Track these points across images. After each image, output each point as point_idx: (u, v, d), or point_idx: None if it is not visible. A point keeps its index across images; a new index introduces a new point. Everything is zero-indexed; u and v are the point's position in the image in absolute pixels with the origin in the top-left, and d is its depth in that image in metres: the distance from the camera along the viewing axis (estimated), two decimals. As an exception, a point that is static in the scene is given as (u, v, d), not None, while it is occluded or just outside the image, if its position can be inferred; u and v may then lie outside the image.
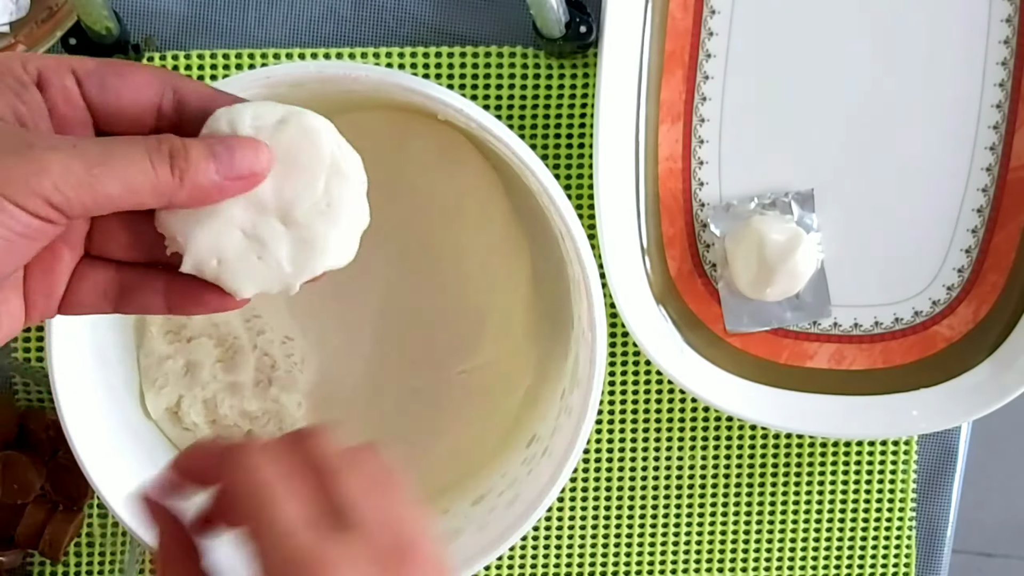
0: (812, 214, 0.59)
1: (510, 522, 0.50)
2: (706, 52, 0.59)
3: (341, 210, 0.35)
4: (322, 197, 0.34)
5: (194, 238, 0.33)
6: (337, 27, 0.60)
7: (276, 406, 0.57)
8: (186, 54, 0.60)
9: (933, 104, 0.59)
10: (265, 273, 0.34)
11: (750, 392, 0.59)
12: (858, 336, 0.60)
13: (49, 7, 0.56)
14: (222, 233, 0.33)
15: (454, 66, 0.60)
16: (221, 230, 0.33)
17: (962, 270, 0.60)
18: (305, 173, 0.34)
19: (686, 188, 0.60)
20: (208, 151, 0.32)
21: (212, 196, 0.32)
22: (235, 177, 0.32)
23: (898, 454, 0.63)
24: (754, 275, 0.58)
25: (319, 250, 0.35)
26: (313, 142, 0.34)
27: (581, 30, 0.57)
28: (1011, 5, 0.58)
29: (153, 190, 0.31)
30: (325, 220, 0.34)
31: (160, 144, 0.31)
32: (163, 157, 0.31)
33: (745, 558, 0.64)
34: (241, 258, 0.34)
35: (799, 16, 0.59)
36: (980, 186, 0.59)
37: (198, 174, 0.31)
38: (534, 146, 0.60)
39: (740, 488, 0.63)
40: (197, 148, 0.31)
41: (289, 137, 0.34)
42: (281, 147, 0.34)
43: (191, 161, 0.31)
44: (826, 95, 0.59)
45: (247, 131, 0.33)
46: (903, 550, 0.64)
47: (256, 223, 0.34)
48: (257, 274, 0.34)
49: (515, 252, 0.57)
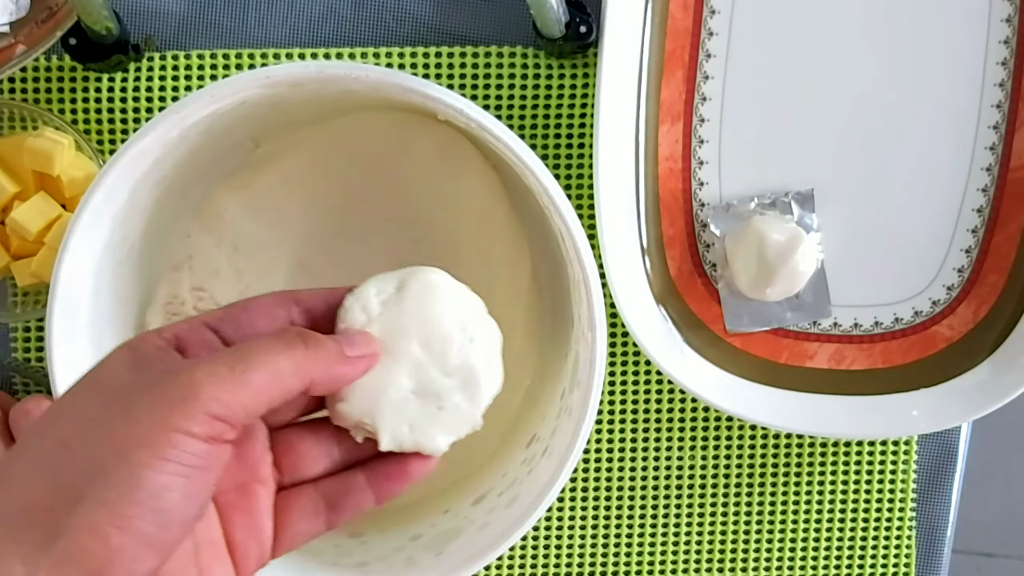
0: (812, 214, 0.59)
1: (510, 522, 0.50)
2: (706, 52, 0.59)
3: (482, 338, 0.39)
4: (463, 334, 0.38)
5: (380, 414, 0.36)
6: (337, 27, 0.60)
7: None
8: (186, 54, 0.60)
9: (933, 104, 0.59)
10: (451, 420, 0.38)
11: (750, 392, 0.59)
12: (858, 336, 0.60)
13: (49, 7, 0.56)
14: (400, 401, 0.36)
15: (454, 66, 0.60)
16: (398, 399, 0.36)
17: (962, 270, 0.60)
18: (442, 320, 0.37)
19: (686, 188, 0.60)
20: (328, 337, 0.34)
21: (345, 373, 0.34)
22: (358, 355, 0.34)
23: (898, 454, 0.63)
24: (754, 275, 0.58)
25: (484, 381, 0.38)
26: (436, 292, 0.38)
27: (581, 30, 0.57)
28: (1011, 5, 0.58)
29: (295, 370, 0.31)
30: (475, 352, 0.38)
31: (287, 330, 0.33)
32: (294, 338, 0.32)
33: (745, 558, 0.64)
34: (427, 416, 0.37)
35: (799, 16, 0.59)
36: (980, 186, 0.59)
37: (328, 349, 0.33)
38: (534, 146, 0.60)
39: (740, 488, 0.63)
40: (318, 335, 0.33)
41: (414, 295, 0.37)
42: (411, 307, 0.37)
43: (320, 340, 0.33)
44: (826, 95, 0.59)
45: (376, 308, 0.37)
46: (903, 550, 0.64)
47: (422, 381, 0.37)
48: (445, 424, 0.38)
49: (515, 252, 0.57)
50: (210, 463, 0.29)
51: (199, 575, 0.32)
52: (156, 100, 0.60)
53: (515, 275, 0.57)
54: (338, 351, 0.33)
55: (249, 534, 0.33)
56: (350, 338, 0.35)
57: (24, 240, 0.57)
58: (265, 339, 0.32)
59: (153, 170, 0.49)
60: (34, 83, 0.60)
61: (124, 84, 0.60)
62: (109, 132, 0.60)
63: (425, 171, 0.56)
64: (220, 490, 0.33)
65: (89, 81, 0.60)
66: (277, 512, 0.35)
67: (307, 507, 0.35)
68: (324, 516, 0.35)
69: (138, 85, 0.60)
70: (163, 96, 0.60)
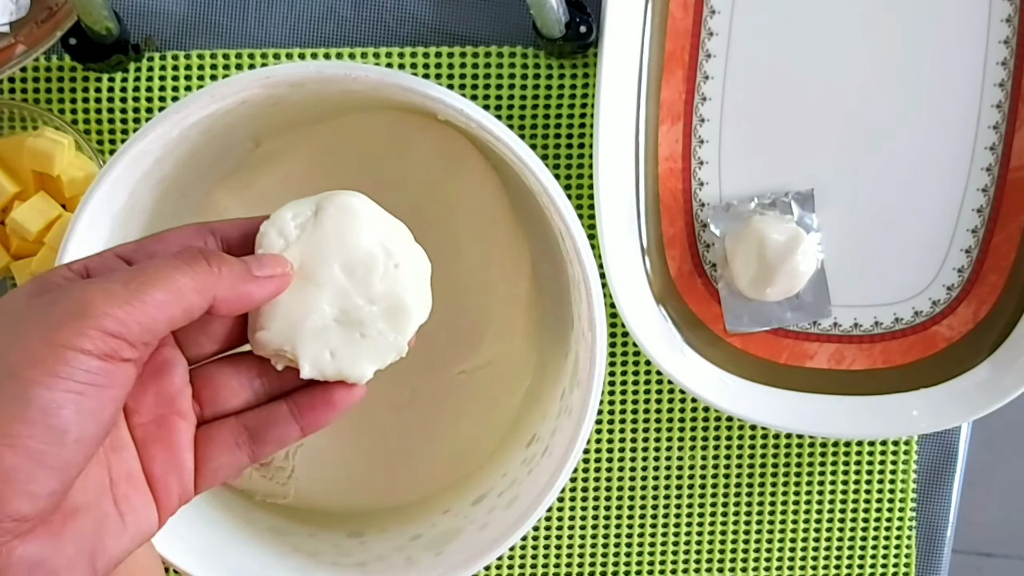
0: (812, 214, 0.59)
1: (510, 522, 0.50)
2: (706, 52, 0.59)
3: (407, 265, 0.37)
4: (387, 260, 0.37)
5: (301, 341, 0.35)
6: (337, 27, 0.60)
7: (276, 406, 0.57)
8: (186, 54, 0.60)
9: (933, 104, 0.59)
10: (375, 348, 0.36)
11: (750, 392, 0.59)
12: (858, 336, 0.60)
13: (49, 7, 0.56)
14: (321, 328, 0.35)
15: (454, 66, 0.60)
16: (319, 326, 0.35)
17: (962, 270, 0.60)
18: (363, 244, 0.36)
19: (686, 188, 0.60)
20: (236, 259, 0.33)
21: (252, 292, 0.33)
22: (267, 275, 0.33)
23: (898, 454, 0.63)
24: (754, 275, 0.58)
25: (409, 308, 0.37)
26: (355, 215, 0.36)
27: (581, 30, 0.57)
28: (1011, 5, 0.58)
29: (196, 286, 0.31)
30: (400, 279, 0.37)
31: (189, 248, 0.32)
32: (195, 255, 0.32)
33: (745, 558, 0.64)
34: (349, 344, 0.36)
35: (799, 16, 0.59)
36: (980, 186, 0.59)
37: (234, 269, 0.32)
38: (534, 146, 0.60)
39: (740, 488, 0.63)
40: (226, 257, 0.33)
41: (332, 218, 0.36)
42: (330, 231, 0.36)
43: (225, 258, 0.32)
44: (826, 95, 0.59)
45: (293, 231, 0.35)
46: (903, 550, 0.64)
47: (345, 308, 0.36)
48: (369, 352, 0.36)
49: (515, 252, 0.57)
50: (108, 381, 0.29)
51: (116, 506, 0.31)
52: (156, 100, 0.60)
53: (515, 275, 0.57)
54: (244, 269, 0.33)
55: (169, 467, 0.33)
56: (259, 258, 0.34)
57: (24, 240, 0.57)
58: (165, 257, 0.31)
59: (153, 170, 0.49)
60: (34, 83, 0.60)
61: (124, 84, 0.60)
62: (109, 132, 0.60)
63: (425, 171, 0.56)
64: (137, 423, 0.33)
65: (89, 81, 0.60)
66: (198, 446, 0.34)
67: (228, 440, 0.34)
68: (247, 449, 0.35)
69: (138, 85, 0.60)
70: (163, 96, 0.60)
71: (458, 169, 0.56)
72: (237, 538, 0.53)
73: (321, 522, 0.58)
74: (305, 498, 0.57)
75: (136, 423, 0.33)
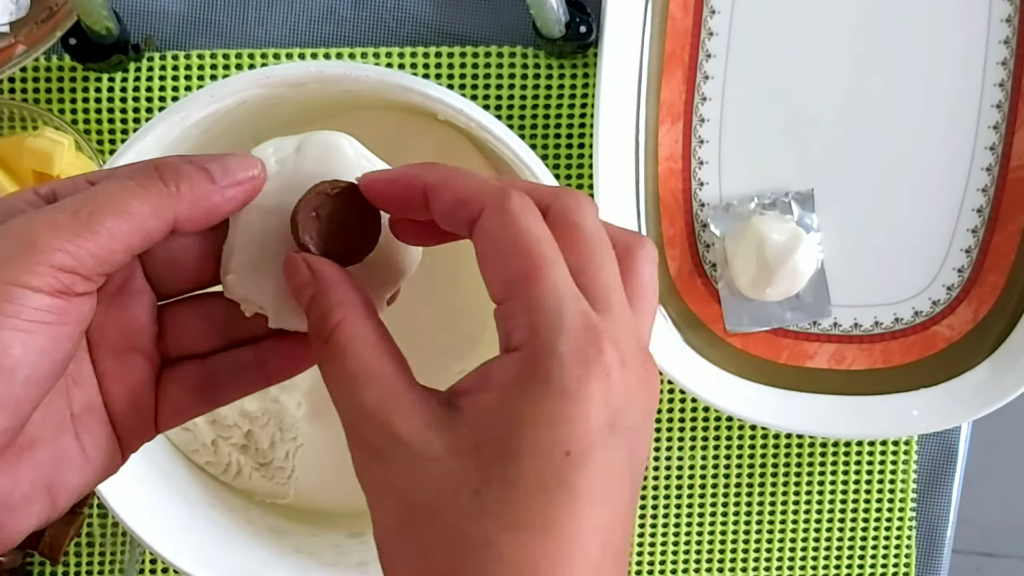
0: (812, 214, 0.59)
1: (510, 522, 0.50)
2: (706, 52, 0.59)
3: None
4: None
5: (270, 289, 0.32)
6: (337, 27, 0.60)
7: (276, 406, 0.57)
8: (186, 54, 0.60)
9: (933, 104, 0.59)
10: None
11: (750, 392, 0.59)
12: (858, 336, 0.60)
13: (49, 7, 0.56)
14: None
15: (454, 66, 0.60)
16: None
17: (962, 270, 0.60)
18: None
19: (686, 188, 0.60)
20: (198, 168, 0.30)
21: (218, 206, 0.30)
22: (232, 184, 0.30)
23: (898, 454, 0.63)
24: (754, 275, 0.58)
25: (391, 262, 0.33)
26: (339, 154, 0.33)
27: (581, 30, 0.57)
28: (1011, 5, 0.58)
29: (153, 209, 0.28)
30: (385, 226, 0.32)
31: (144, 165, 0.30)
32: (150, 174, 0.29)
33: (745, 558, 0.64)
34: None
35: (799, 16, 0.59)
36: (980, 186, 0.59)
37: (194, 183, 0.29)
38: (534, 146, 0.60)
39: (740, 488, 0.63)
40: (187, 167, 0.30)
41: (314, 157, 0.32)
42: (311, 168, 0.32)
43: (183, 174, 0.29)
44: (826, 95, 0.59)
45: (273, 166, 0.32)
46: (903, 550, 0.64)
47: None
48: None
49: (515, 252, 0.57)
50: (61, 318, 0.27)
51: (77, 439, 0.30)
52: (156, 100, 0.60)
53: (515, 275, 0.57)
54: (205, 180, 0.30)
55: (130, 405, 0.32)
56: (223, 162, 0.30)
57: (24, 240, 0.57)
58: (117, 178, 0.29)
59: (153, 170, 0.49)
60: (34, 83, 0.60)
61: (124, 84, 0.60)
62: (109, 132, 0.60)
63: (425, 171, 0.56)
64: (100, 357, 0.31)
65: (89, 81, 0.60)
66: (160, 386, 0.32)
67: (191, 383, 0.33)
68: (208, 394, 0.33)
69: (138, 85, 0.60)
70: (163, 96, 0.60)
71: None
72: (237, 538, 0.53)
73: (321, 522, 0.57)
74: (305, 498, 0.57)
75: (99, 356, 0.31)
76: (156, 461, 0.54)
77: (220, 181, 0.30)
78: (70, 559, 0.62)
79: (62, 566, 0.62)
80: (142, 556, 0.61)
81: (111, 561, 0.62)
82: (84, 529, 0.61)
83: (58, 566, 0.62)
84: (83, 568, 0.62)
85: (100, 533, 0.62)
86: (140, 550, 0.60)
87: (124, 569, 0.61)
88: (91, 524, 0.62)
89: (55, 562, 0.61)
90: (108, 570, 0.62)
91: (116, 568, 0.62)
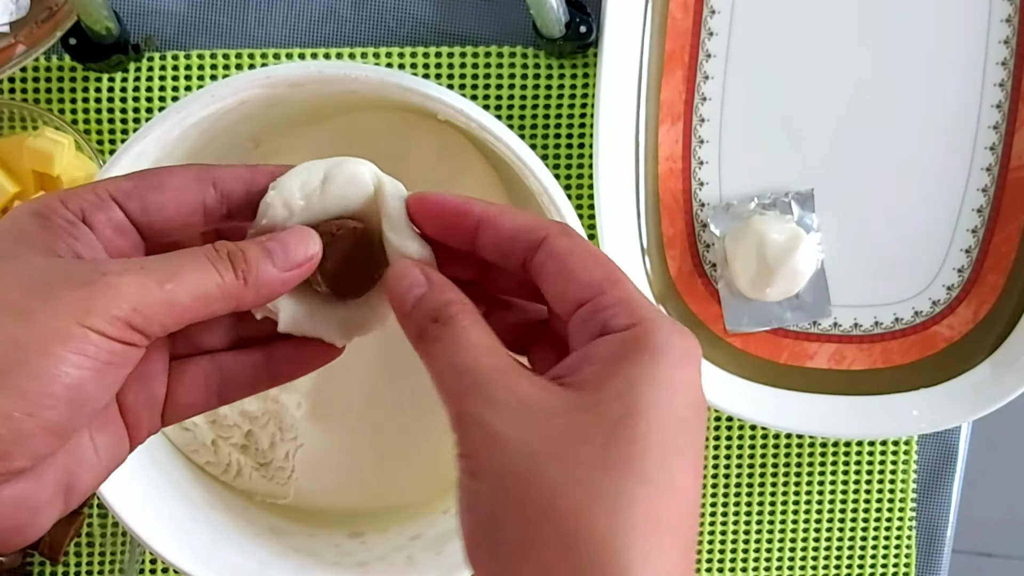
0: (812, 214, 0.59)
1: (510, 522, 0.50)
2: (706, 52, 0.59)
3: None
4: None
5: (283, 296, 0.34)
6: (337, 27, 0.60)
7: (276, 406, 0.57)
8: (186, 54, 0.60)
9: (933, 104, 0.59)
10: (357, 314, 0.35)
11: (750, 392, 0.59)
12: (858, 336, 0.60)
13: (49, 7, 0.56)
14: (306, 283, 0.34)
15: (454, 66, 0.60)
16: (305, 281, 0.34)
17: (962, 270, 0.60)
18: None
19: (686, 188, 0.60)
20: (262, 250, 0.32)
21: (277, 290, 0.33)
22: (293, 267, 0.33)
23: (898, 454, 0.63)
24: (754, 275, 0.58)
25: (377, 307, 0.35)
26: (358, 184, 0.35)
27: (581, 30, 0.57)
28: (1011, 5, 0.58)
29: (223, 295, 0.31)
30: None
31: (219, 252, 0.32)
32: (225, 263, 0.32)
33: (745, 558, 0.64)
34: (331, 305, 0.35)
35: (799, 16, 0.59)
36: (980, 186, 0.59)
37: (260, 273, 0.32)
38: (534, 146, 0.60)
39: (740, 488, 0.63)
40: (252, 249, 0.32)
41: (339, 188, 0.35)
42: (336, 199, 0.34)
43: (250, 262, 0.32)
44: (826, 95, 0.59)
45: (299, 203, 0.34)
46: (903, 550, 0.64)
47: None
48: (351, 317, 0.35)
49: (515, 252, 0.57)
50: (124, 360, 0.30)
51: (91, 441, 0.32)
52: (156, 100, 0.60)
53: (515, 275, 0.57)
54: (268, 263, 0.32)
55: (141, 397, 0.33)
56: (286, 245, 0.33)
57: (24, 240, 0.57)
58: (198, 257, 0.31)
59: (153, 170, 0.49)
60: (34, 83, 0.60)
61: (124, 84, 0.60)
62: (109, 132, 0.60)
63: (425, 171, 0.56)
64: None
65: (89, 81, 0.60)
66: (169, 380, 0.34)
67: (199, 379, 0.34)
68: (216, 390, 0.35)
69: (138, 85, 0.60)
70: (163, 96, 0.60)
71: (458, 169, 0.56)
72: (237, 538, 0.53)
73: (321, 522, 0.57)
74: (305, 498, 0.57)
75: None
76: (156, 461, 0.54)
77: (280, 264, 0.33)
78: (70, 559, 0.62)
79: (62, 566, 0.62)
80: (142, 556, 0.61)
81: (111, 561, 0.62)
82: (84, 529, 0.61)
83: (58, 566, 0.62)
84: (83, 568, 0.62)
85: (100, 533, 0.62)
86: (140, 550, 0.60)
87: (124, 569, 0.61)
88: (91, 524, 0.62)
89: (55, 562, 0.61)
90: (108, 570, 0.62)
91: (116, 568, 0.62)
